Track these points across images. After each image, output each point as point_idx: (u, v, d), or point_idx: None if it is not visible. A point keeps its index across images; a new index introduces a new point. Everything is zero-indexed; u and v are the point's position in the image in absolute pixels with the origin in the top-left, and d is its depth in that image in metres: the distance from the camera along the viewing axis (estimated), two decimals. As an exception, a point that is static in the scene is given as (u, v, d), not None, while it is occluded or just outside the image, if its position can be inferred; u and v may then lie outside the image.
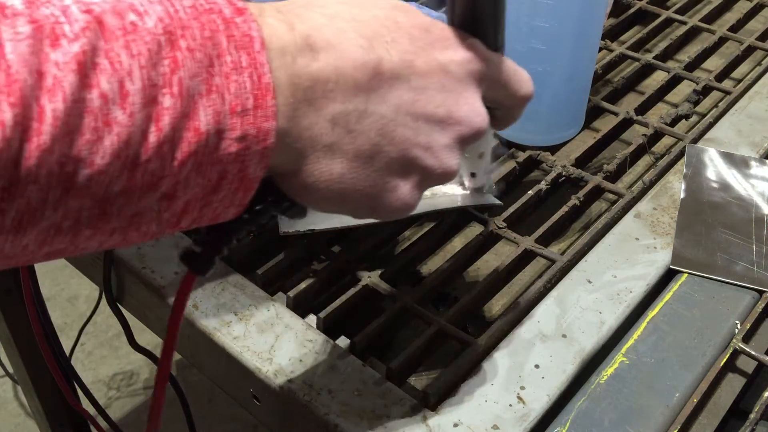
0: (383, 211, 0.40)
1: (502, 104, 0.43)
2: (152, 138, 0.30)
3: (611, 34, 0.93)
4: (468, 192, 0.65)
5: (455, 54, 0.39)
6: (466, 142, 0.41)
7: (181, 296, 0.41)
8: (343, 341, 0.56)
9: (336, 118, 0.35)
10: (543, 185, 0.69)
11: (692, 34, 0.94)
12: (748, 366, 0.56)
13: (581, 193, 0.69)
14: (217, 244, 0.40)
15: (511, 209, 0.67)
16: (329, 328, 0.58)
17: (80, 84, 0.28)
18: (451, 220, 0.66)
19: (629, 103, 0.81)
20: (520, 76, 0.43)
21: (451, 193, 0.65)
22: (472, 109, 0.40)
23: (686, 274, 0.61)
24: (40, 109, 0.27)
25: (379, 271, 0.61)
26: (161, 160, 0.31)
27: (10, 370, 1.23)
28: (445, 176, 0.40)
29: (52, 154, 0.27)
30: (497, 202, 0.65)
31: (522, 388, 0.53)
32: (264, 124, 0.32)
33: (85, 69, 0.28)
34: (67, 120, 0.27)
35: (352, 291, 0.60)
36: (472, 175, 0.59)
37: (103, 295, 0.68)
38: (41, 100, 0.27)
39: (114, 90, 0.29)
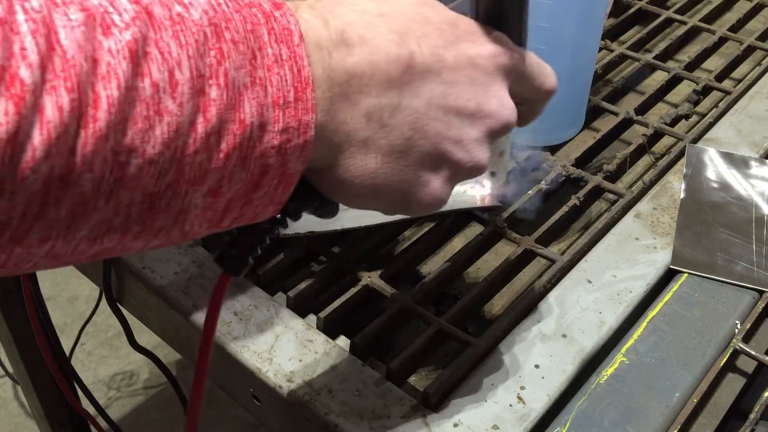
0: (415, 205, 0.40)
1: (526, 98, 0.43)
2: (200, 129, 0.30)
3: (611, 34, 0.93)
4: (469, 192, 0.65)
5: (483, 48, 0.39)
6: (495, 135, 0.41)
7: (216, 298, 0.41)
8: (343, 341, 0.56)
9: (371, 113, 0.36)
10: (543, 185, 0.69)
11: (692, 34, 0.94)
12: (748, 366, 0.56)
13: (581, 193, 0.68)
14: (251, 244, 0.40)
15: (511, 209, 0.67)
16: (329, 328, 0.58)
17: (133, 72, 0.28)
18: (451, 220, 0.66)
19: (629, 103, 0.81)
20: (545, 69, 0.43)
21: (451, 195, 0.65)
22: (501, 103, 0.40)
23: (686, 274, 0.61)
24: (95, 95, 0.27)
25: (379, 271, 0.61)
26: (208, 151, 0.31)
27: (10, 370, 1.23)
28: (475, 170, 0.41)
29: (107, 141, 0.27)
30: (497, 203, 0.65)
31: (522, 388, 0.53)
32: (304, 117, 0.33)
33: (137, 57, 0.28)
34: (122, 108, 0.28)
35: (352, 291, 0.60)
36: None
37: (103, 295, 0.68)
38: (96, 86, 0.27)
39: (164, 79, 0.29)
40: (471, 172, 0.41)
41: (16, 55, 0.25)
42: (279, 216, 0.38)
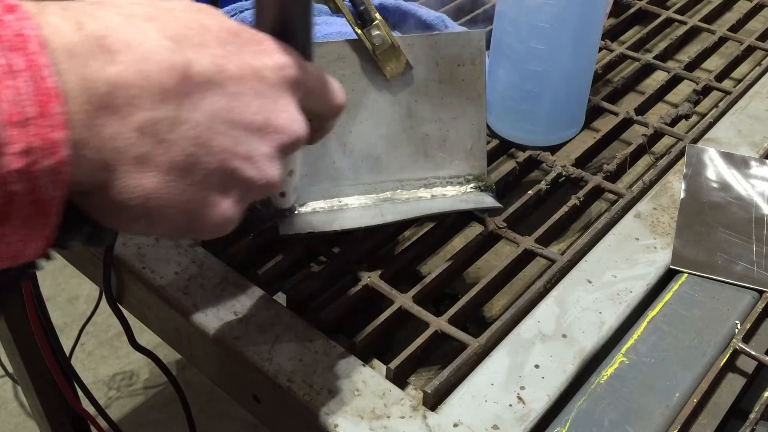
0: (203, 228, 0.36)
1: (316, 114, 0.42)
2: None
3: (611, 34, 0.93)
4: (469, 193, 0.65)
5: (269, 59, 0.37)
6: (287, 151, 0.38)
7: None
8: (343, 341, 0.56)
9: (144, 127, 0.32)
10: (543, 185, 0.69)
11: (692, 34, 0.94)
12: (748, 366, 0.56)
13: (581, 193, 0.69)
14: (8, 282, 0.37)
15: (511, 209, 0.67)
16: (329, 328, 0.58)
17: None
18: (451, 220, 0.66)
19: (629, 103, 0.81)
20: (333, 85, 0.42)
21: (451, 196, 0.65)
22: (291, 117, 0.38)
23: (686, 274, 0.61)
24: None
25: (379, 271, 0.61)
26: None
27: (10, 370, 1.23)
28: (267, 187, 0.38)
29: None
30: (497, 204, 0.65)
31: (522, 388, 0.53)
32: (52, 135, 0.28)
33: None
34: None
35: (352, 291, 0.60)
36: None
37: (103, 295, 0.68)
38: None
39: None
40: (263, 190, 0.37)
41: None
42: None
